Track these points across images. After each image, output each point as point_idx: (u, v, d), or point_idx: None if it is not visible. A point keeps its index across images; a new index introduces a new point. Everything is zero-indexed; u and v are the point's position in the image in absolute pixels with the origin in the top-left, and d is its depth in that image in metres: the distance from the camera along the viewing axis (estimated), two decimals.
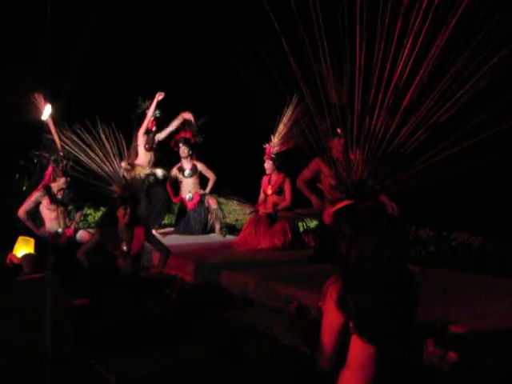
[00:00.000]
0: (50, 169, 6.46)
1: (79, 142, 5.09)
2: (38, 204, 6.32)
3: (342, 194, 2.46)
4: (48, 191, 6.32)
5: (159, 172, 7.66)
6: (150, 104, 7.68)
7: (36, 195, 6.32)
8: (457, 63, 2.46)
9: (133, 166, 7.18)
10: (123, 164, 6.82)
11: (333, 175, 2.61)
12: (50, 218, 6.30)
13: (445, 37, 2.44)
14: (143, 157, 7.71)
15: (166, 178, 7.81)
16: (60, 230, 6.26)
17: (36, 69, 7.08)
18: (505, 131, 2.56)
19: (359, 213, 2.36)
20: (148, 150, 7.74)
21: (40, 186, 6.46)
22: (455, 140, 2.56)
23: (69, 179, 6.29)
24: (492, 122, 2.55)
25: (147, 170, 7.53)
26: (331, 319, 2.13)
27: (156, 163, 7.79)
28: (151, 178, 7.52)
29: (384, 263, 2.14)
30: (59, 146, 6.44)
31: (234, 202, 7.32)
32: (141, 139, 7.69)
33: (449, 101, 2.53)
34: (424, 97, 2.51)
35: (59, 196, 6.31)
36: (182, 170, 8.03)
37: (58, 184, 6.33)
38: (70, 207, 6.56)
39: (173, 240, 7.03)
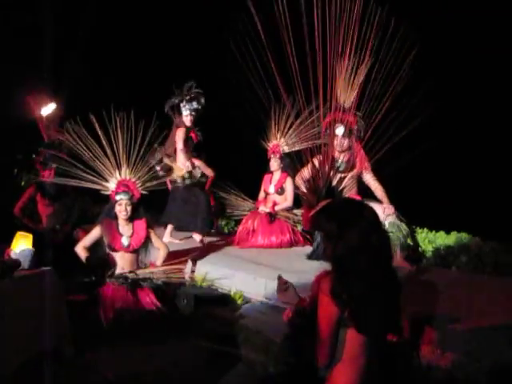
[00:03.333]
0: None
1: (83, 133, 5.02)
2: (33, 201, 6.32)
3: (315, 196, 2.48)
4: (39, 187, 6.32)
5: (197, 172, 6.90)
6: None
7: (29, 192, 6.33)
8: None
9: (170, 168, 6.73)
10: (166, 160, 6.64)
11: (310, 177, 2.63)
12: (47, 215, 6.29)
13: None
14: (182, 156, 6.90)
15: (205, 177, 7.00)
16: (58, 226, 6.24)
17: (37, 61, 7.07)
18: None
19: (342, 205, 2.38)
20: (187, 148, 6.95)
21: (33, 183, 6.47)
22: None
23: (52, 172, 6.23)
24: None
25: (182, 172, 6.78)
26: (327, 313, 2.15)
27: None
28: (187, 181, 6.77)
29: (375, 248, 2.16)
30: (45, 136, 6.45)
31: (234, 198, 7.29)
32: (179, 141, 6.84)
33: None
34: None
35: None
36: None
37: (46, 177, 6.31)
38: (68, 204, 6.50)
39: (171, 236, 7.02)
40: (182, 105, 6.81)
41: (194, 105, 6.79)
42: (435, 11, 7.10)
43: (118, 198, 4.90)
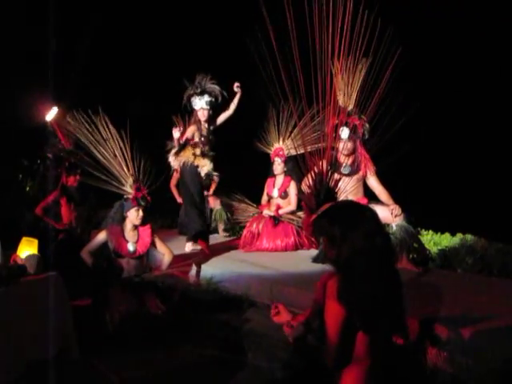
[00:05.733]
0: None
1: (92, 134, 5.07)
2: (57, 203, 6.43)
3: (315, 200, 2.49)
4: (64, 191, 6.42)
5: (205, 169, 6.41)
6: (232, 98, 6.52)
7: (54, 195, 6.46)
8: None
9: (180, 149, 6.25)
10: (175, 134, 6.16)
11: (311, 182, 2.63)
12: (69, 218, 6.41)
13: None
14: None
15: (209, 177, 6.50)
16: (78, 229, 6.36)
17: (40, 67, 7.10)
18: None
19: (344, 208, 2.38)
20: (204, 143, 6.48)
21: (58, 186, 6.54)
22: None
23: (78, 177, 6.30)
24: None
25: (193, 151, 6.31)
26: (335, 317, 2.15)
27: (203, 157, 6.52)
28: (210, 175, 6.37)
29: (379, 249, 2.17)
30: (66, 144, 6.45)
31: (238, 202, 7.29)
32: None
33: None
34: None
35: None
36: None
37: (71, 183, 6.39)
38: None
39: (176, 241, 7.03)
40: (192, 99, 6.43)
41: (206, 98, 6.36)
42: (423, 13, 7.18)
43: (138, 203, 4.96)
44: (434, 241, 6.28)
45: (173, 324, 4.20)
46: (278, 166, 6.90)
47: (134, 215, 4.96)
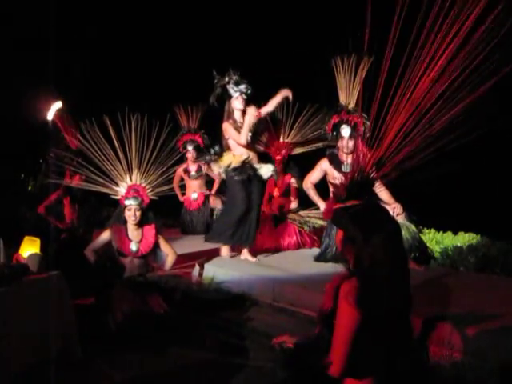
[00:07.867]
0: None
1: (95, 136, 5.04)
2: (60, 202, 6.45)
3: (347, 191, 2.44)
4: (68, 190, 6.43)
5: (265, 170, 5.95)
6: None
7: (57, 194, 6.47)
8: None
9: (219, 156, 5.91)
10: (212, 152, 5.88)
11: (339, 175, 2.61)
12: (72, 218, 6.42)
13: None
14: (240, 151, 5.96)
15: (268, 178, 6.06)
16: (81, 230, 6.37)
17: (42, 67, 7.11)
18: None
19: (371, 212, 2.31)
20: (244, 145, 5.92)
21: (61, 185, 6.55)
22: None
23: (84, 177, 6.27)
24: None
25: (241, 157, 5.86)
26: (348, 321, 2.09)
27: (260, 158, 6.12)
28: (249, 171, 5.84)
29: (401, 256, 2.16)
30: (72, 143, 6.41)
31: None
32: (231, 132, 5.89)
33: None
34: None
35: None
36: (187, 171, 8.06)
37: (75, 183, 6.38)
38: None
39: (177, 240, 7.03)
40: (229, 86, 5.89)
41: (243, 85, 5.88)
42: None
43: (127, 203, 4.92)
44: (436, 239, 6.27)
45: (174, 324, 4.20)
46: (279, 164, 6.89)
47: (126, 215, 4.94)
